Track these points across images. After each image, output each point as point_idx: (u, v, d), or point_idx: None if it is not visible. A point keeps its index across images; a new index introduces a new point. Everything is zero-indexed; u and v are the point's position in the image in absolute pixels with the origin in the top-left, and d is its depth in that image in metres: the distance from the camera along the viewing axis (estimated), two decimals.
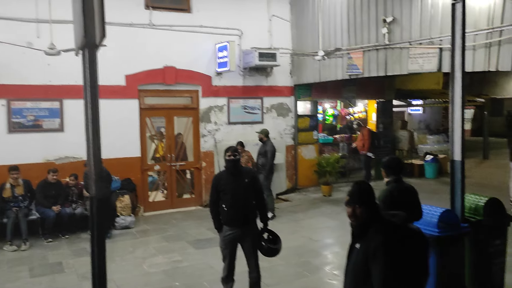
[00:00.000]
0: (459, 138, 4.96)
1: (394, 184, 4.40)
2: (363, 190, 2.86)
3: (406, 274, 2.70)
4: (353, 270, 2.81)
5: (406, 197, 4.31)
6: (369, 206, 2.80)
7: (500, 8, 6.52)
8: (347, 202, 2.85)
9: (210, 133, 10.15)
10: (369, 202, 2.81)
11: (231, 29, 10.18)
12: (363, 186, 2.91)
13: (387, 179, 4.51)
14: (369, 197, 2.83)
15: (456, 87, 4.96)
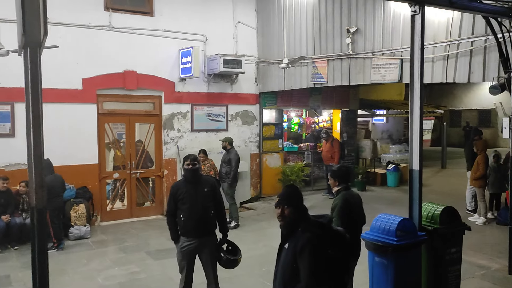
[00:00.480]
0: (417, 148, 5.00)
1: (345, 191, 4.60)
2: (291, 193, 3.06)
3: (330, 270, 2.87)
4: (282, 269, 2.94)
5: (357, 203, 4.68)
6: (296, 207, 2.97)
7: (458, 22, 6.70)
8: (276, 203, 3.03)
9: (173, 140, 9.93)
10: (296, 203, 2.99)
11: (196, 34, 10.04)
12: (291, 189, 3.13)
13: (337, 188, 4.62)
14: (296, 199, 3.02)
15: (415, 98, 5.01)
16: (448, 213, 5.19)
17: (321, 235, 2.88)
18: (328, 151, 11.40)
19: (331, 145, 11.42)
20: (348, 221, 4.43)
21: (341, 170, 4.72)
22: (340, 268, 2.97)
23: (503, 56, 5.88)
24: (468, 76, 6.59)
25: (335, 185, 4.62)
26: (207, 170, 8.84)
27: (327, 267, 2.84)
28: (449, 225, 5.10)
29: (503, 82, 6.00)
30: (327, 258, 2.85)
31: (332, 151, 11.32)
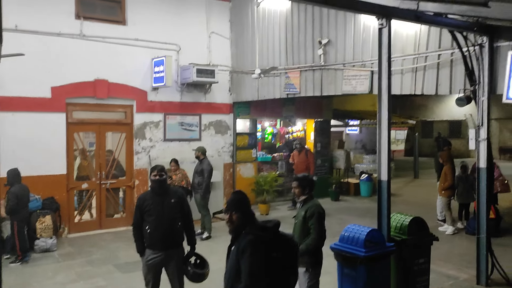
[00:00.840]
0: (385, 159, 5.05)
1: (312, 199, 4.63)
2: (239, 199, 3.21)
3: (273, 272, 2.96)
4: (229, 271, 3.06)
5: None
6: (244, 213, 3.13)
7: (425, 35, 6.85)
8: (225, 209, 3.22)
9: (145, 150, 9.78)
10: (244, 209, 3.15)
11: (169, 43, 9.97)
12: (239, 195, 3.27)
13: (304, 197, 4.60)
14: (244, 205, 3.18)
15: (383, 109, 5.07)
16: (417, 223, 5.26)
17: (264, 238, 2.99)
18: (303, 162, 11.20)
19: (305, 156, 11.25)
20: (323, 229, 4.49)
21: (308, 179, 4.71)
22: (285, 270, 3.05)
23: (468, 69, 6.02)
24: (436, 88, 6.73)
25: (303, 193, 4.60)
26: (179, 180, 8.74)
27: (269, 268, 2.94)
28: (418, 236, 5.16)
29: (469, 94, 6.14)
30: (270, 260, 2.95)
31: (307, 162, 11.18)
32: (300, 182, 4.59)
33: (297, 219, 4.57)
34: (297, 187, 4.59)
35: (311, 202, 4.62)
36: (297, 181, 4.61)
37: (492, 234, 8.35)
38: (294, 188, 4.63)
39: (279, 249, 3.01)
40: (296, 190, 4.59)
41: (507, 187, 9.12)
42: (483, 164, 6.03)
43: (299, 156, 11.37)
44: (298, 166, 11.23)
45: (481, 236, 6.04)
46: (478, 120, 6.06)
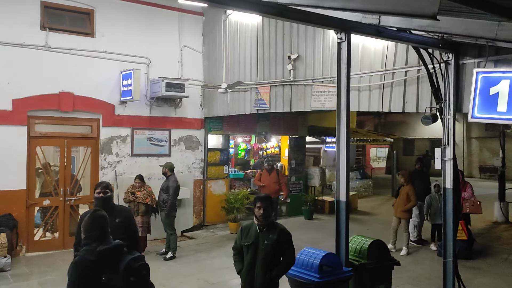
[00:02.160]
0: (344, 178, 4.83)
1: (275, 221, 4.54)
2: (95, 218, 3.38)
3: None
4: None
5: None
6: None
7: (393, 51, 6.72)
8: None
9: (111, 165, 9.44)
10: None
11: (139, 57, 9.74)
12: (95, 214, 3.44)
13: (270, 219, 4.38)
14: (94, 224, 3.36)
15: (341, 126, 4.88)
16: (378, 247, 5.03)
17: (91, 261, 3.08)
18: (276, 182, 10.39)
19: (277, 176, 10.47)
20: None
21: (271, 199, 4.51)
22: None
23: (434, 86, 5.88)
24: (403, 105, 6.58)
25: (270, 215, 4.33)
26: (143, 197, 8.40)
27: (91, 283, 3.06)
28: (378, 260, 4.91)
29: (435, 112, 5.99)
30: (97, 282, 3.07)
31: (279, 182, 10.46)
32: (266, 203, 4.29)
33: (265, 244, 4.22)
34: (263, 208, 4.24)
35: (276, 224, 4.37)
36: (263, 201, 4.28)
37: (464, 257, 8.25)
38: (258, 209, 4.24)
39: (109, 271, 3.08)
40: (261, 212, 4.24)
41: (478, 208, 8.97)
42: (449, 185, 5.85)
43: (270, 176, 10.44)
44: (271, 187, 10.29)
45: (447, 260, 5.81)
46: (444, 139, 5.90)
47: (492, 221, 11.69)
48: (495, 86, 5.30)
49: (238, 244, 4.39)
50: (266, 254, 4.21)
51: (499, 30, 4.26)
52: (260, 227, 4.26)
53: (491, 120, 5.38)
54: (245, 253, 4.26)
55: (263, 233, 4.25)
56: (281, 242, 4.22)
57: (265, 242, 4.21)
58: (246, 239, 4.28)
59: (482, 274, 7.54)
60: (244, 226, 4.40)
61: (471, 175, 25.35)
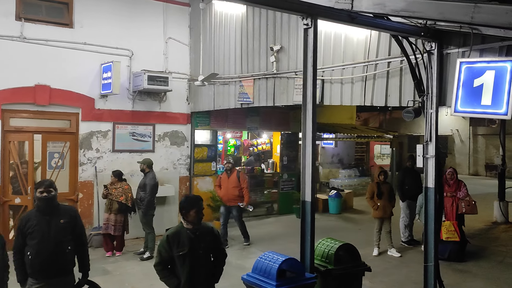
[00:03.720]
0: (309, 177, 4.44)
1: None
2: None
3: None
4: None
5: None
6: None
7: (376, 41, 6.29)
8: None
9: (90, 161, 9.14)
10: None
11: (121, 48, 9.41)
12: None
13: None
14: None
15: (307, 121, 4.49)
16: (347, 251, 4.65)
17: None
18: (236, 187, 8.78)
19: (237, 179, 8.84)
20: None
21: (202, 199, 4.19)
22: None
23: (416, 78, 5.45)
24: (385, 99, 6.16)
25: (201, 218, 4.01)
26: (117, 195, 8.10)
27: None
28: (346, 265, 4.52)
29: (418, 106, 5.57)
30: None
31: (239, 187, 8.82)
32: (199, 204, 3.95)
33: (204, 248, 3.88)
34: (197, 210, 3.92)
35: (203, 224, 4.04)
36: (195, 204, 3.92)
37: (456, 259, 7.82)
38: (196, 213, 3.90)
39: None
40: (195, 215, 3.90)
41: (473, 208, 8.50)
42: (431, 184, 5.42)
43: (229, 180, 8.83)
44: (229, 192, 8.77)
45: (428, 264, 5.40)
46: (426, 135, 5.47)
47: (491, 221, 11.20)
48: (480, 77, 4.85)
49: (167, 256, 3.89)
50: (206, 259, 3.87)
51: (475, 13, 3.83)
52: (194, 231, 3.90)
53: (475, 114, 4.93)
54: (181, 264, 3.85)
55: (198, 237, 3.90)
56: (214, 241, 3.98)
57: (202, 245, 3.86)
58: (179, 248, 3.85)
59: (473, 278, 7.10)
60: (170, 234, 3.90)
61: (477, 173, 24.72)
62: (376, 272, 7.37)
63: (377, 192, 8.43)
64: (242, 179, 8.88)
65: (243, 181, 8.85)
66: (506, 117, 4.62)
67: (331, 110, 15.16)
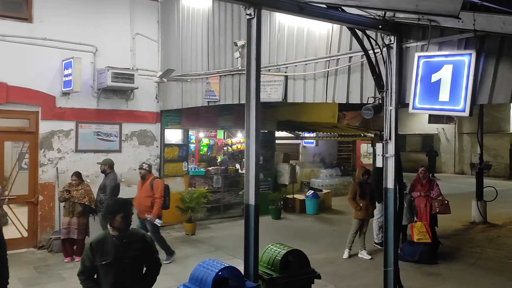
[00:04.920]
0: (253, 179, 4.14)
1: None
2: None
3: None
4: None
5: None
6: None
7: (337, 35, 6.01)
8: None
9: (51, 162, 8.78)
10: None
11: (84, 44, 9.06)
12: None
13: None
14: None
15: (251, 118, 4.19)
16: (295, 257, 4.34)
17: None
18: (148, 196, 7.53)
19: (150, 188, 7.57)
20: None
21: (124, 202, 3.85)
22: None
23: (375, 74, 5.18)
24: (347, 95, 5.88)
25: (130, 224, 3.69)
26: (80, 197, 7.75)
27: None
28: (292, 273, 4.23)
29: (377, 103, 5.29)
30: None
31: (152, 197, 7.55)
32: (126, 209, 3.62)
33: (131, 257, 3.56)
34: (123, 216, 3.59)
35: (134, 230, 3.72)
36: (121, 209, 3.59)
37: (426, 261, 7.57)
38: (122, 218, 3.57)
39: None
40: (121, 221, 3.57)
41: (446, 208, 8.27)
42: (390, 185, 5.15)
43: (142, 189, 7.70)
44: (140, 202, 7.57)
45: (388, 269, 5.13)
46: (385, 133, 5.20)
47: (469, 221, 10.98)
48: (437, 72, 4.62)
49: (90, 266, 3.57)
50: (134, 269, 3.55)
51: (420, 1, 3.55)
52: (120, 238, 3.57)
53: (433, 111, 4.69)
54: (104, 275, 3.53)
55: (125, 245, 3.57)
56: (146, 249, 3.64)
57: (131, 255, 3.54)
58: (103, 257, 3.53)
59: (442, 281, 6.84)
60: (94, 242, 3.59)
61: (463, 171, 24.61)
62: (344, 275, 7.14)
63: (360, 192, 8.13)
64: (155, 187, 7.55)
65: (156, 190, 7.52)
66: (464, 113, 4.38)
67: (312, 109, 14.88)
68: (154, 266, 3.77)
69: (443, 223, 10.05)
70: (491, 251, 8.40)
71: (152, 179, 7.71)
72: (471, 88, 4.32)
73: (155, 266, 3.78)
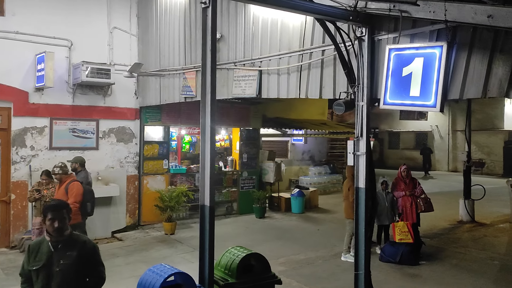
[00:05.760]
0: (209, 177, 3.90)
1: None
2: None
3: None
4: None
5: None
6: None
7: (311, 27, 5.75)
8: None
9: (24, 160, 8.51)
10: None
11: (59, 38, 8.79)
12: None
13: (68, 231, 3.44)
14: None
15: (206, 115, 3.94)
16: (255, 261, 4.10)
17: None
18: (73, 202, 6.45)
19: (65, 192, 6.67)
20: None
21: (66, 204, 3.59)
22: None
23: (346, 67, 4.93)
24: (320, 91, 5.62)
25: (67, 227, 3.43)
26: (51, 196, 7.47)
27: None
28: (250, 278, 3.99)
29: (349, 98, 5.04)
30: None
31: (73, 203, 6.40)
32: (60, 212, 3.36)
33: (62, 265, 3.29)
34: (57, 219, 3.33)
35: (77, 236, 3.46)
36: (55, 211, 3.34)
37: (408, 262, 7.34)
38: (51, 221, 3.31)
39: None
40: (54, 225, 3.30)
41: (430, 206, 8.06)
42: (362, 184, 4.92)
43: (58, 193, 6.89)
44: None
45: (359, 272, 4.89)
46: (357, 130, 4.95)
47: (457, 220, 10.75)
48: (408, 65, 4.37)
49: (26, 269, 3.36)
50: (63, 278, 3.27)
51: None
52: (54, 243, 3.32)
53: (404, 106, 4.44)
54: (35, 280, 3.29)
55: (59, 251, 3.31)
56: (84, 258, 3.31)
57: (61, 262, 3.27)
58: (35, 262, 3.29)
59: (422, 283, 6.61)
60: (32, 245, 3.38)
61: (456, 169, 24.36)
62: (321, 277, 6.91)
63: (353, 191, 7.67)
64: (70, 191, 6.66)
65: (70, 195, 6.60)
66: (435, 109, 4.13)
67: (301, 105, 14.66)
68: (95, 279, 3.47)
69: (430, 222, 9.86)
70: (475, 251, 8.18)
71: (68, 182, 6.79)
72: (442, 82, 4.07)
73: (96, 279, 3.48)
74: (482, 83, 3.89)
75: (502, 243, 8.87)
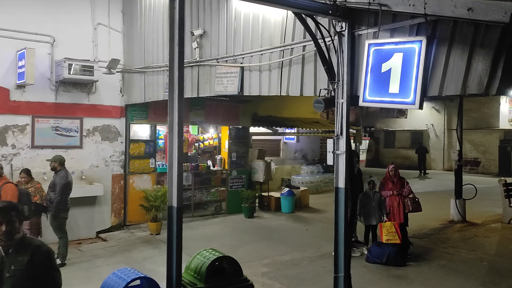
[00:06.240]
0: (176, 177, 3.73)
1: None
2: None
3: None
4: None
5: None
6: None
7: (292, 22, 5.58)
8: None
9: (5, 158, 8.33)
10: None
11: (41, 34, 8.61)
12: None
13: (19, 235, 3.17)
14: None
15: (174, 112, 3.77)
16: (226, 265, 3.93)
17: None
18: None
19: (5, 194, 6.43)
20: None
21: (16, 206, 3.35)
22: None
23: (326, 63, 4.77)
24: (301, 88, 5.46)
25: (18, 231, 3.22)
26: (32, 195, 7.30)
27: None
28: (220, 283, 3.83)
29: (329, 95, 4.88)
30: None
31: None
32: (9, 215, 3.14)
33: (13, 271, 3.07)
34: (5, 222, 3.07)
35: (29, 240, 3.26)
36: (3, 214, 3.10)
37: (395, 263, 7.20)
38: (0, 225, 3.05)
39: None
40: (2, 228, 3.05)
41: (418, 206, 7.90)
42: (341, 184, 4.75)
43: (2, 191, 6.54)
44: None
45: (338, 275, 4.73)
46: (337, 129, 4.79)
47: (448, 219, 10.60)
48: (387, 61, 4.20)
49: None
50: (14, 284, 3.08)
51: None
52: (5, 248, 3.13)
53: (383, 103, 4.28)
54: None
55: (9, 256, 3.11)
56: (36, 263, 3.12)
57: (12, 267, 3.09)
58: None
59: (408, 284, 6.46)
60: None
61: (451, 168, 24.17)
62: (304, 278, 6.76)
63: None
64: (4, 194, 6.41)
65: (5, 197, 6.32)
66: (414, 106, 3.98)
67: (293, 104, 14.46)
68: (49, 286, 3.22)
69: (420, 222, 9.70)
70: (465, 252, 8.03)
71: (2, 184, 6.49)
72: (422, 79, 3.91)
73: (50, 286, 3.25)
74: (462, 79, 3.73)
75: (492, 243, 8.73)
